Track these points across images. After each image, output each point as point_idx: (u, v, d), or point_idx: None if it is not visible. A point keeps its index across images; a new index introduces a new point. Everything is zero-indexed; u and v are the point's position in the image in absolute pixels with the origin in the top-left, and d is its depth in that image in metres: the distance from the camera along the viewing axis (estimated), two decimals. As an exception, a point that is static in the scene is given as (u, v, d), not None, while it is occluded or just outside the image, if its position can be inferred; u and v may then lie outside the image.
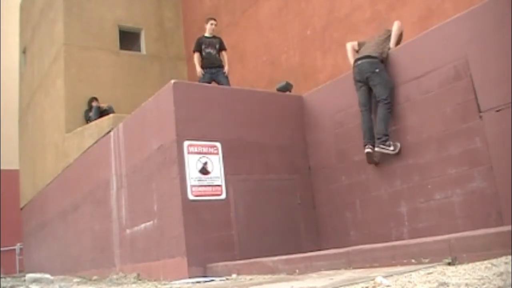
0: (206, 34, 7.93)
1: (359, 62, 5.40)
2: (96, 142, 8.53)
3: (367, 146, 5.35)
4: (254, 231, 5.81)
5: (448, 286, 2.19)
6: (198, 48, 7.80)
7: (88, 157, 8.84)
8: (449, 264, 2.98)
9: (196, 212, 5.49)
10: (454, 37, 4.80)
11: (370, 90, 5.36)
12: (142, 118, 6.65)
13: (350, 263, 3.75)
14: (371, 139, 5.31)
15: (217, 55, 7.80)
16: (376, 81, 5.25)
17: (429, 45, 5.06)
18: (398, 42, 5.55)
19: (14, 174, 16.13)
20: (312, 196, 6.41)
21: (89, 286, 6.32)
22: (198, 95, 6.01)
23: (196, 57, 7.79)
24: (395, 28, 5.54)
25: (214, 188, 5.70)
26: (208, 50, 7.76)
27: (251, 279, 4.31)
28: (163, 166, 5.87)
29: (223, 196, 5.73)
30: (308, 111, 6.62)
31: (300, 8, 8.12)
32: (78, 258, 9.11)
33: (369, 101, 5.41)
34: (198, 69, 7.68)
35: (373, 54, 5.32)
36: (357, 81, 5.44)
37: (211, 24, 7.91)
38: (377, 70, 5.24)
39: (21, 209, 14.68)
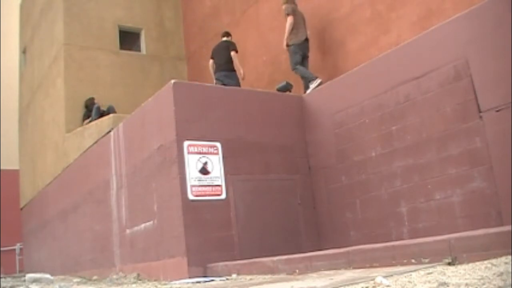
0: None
1: (308, 41, 7.38)
2: (96, 142, 8.53)
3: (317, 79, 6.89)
4: (254, 231, 5.81)
5: (448, 286, 2.19)
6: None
7: (88, 157, 8.84)
8: (449, 264, 2.98)
9: (196, 212, 5.49)
10: (454, 37, 4.80)
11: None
12: (142, 118, 6.65)
13: (350, 263, 3.75)
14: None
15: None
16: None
17: (429, 45, 5.06)
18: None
19: (14, 174, 16.13)
20: (312, 196, 6.41)
21: (89, 286, 6.32)
22: (198, 95, 6.01)
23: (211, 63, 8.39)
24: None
25: (214, 188, 5.70)
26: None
27: (251, 279, 4.31)
28: (163, 166, 5.87)
29: (223, 196, 5.73)
30: (308, 111, 6.61)
31: (300, 8, 8.12)
32: (78, 258, 9.11)
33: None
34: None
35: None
36: (303, 53, 7.26)
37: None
38: None
39: (21, 209, 14.68)
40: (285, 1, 7.66)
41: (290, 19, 7.30)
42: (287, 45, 7.34)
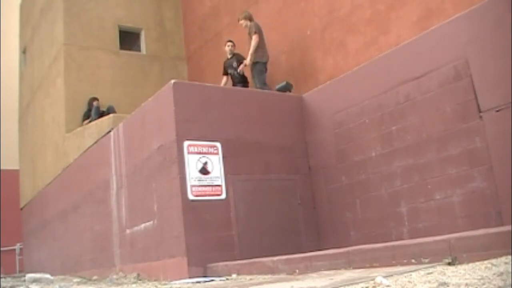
0: (227, 56, 8.26)
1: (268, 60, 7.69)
2: (96, 142, 8.53)
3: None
4: (254, 231, 5.81)
5: (448, 286, 2.19)
6: (225, 72, 8.22)
7: (88, 157, 8.84)
8: (449, 264, 2.98)
9: (196, 212, 5.49)
10: (454, 37, 4.80)
11: None
12: (142, 118, 6.65)
13: (350, 263, 3.75)
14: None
15: (236, 73, 8.02)
16: None
17: (429, 45, 5.06)
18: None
19: (14, 174, 16.13)
20: (312, 196, 6.41)
21: (89, 286, 6.32)
22: (198, 95, 6.01)
23: (223, 81, 8.21)
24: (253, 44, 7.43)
25: (214, 188, 5.70)
26: (230, 71, 8.14)
27: (251, 279, 4.31)
28: (163, 166, 5.87)
29: (223, 196, 5.74)
30: (308, 111, 6.61)
31: (300, 8, 8.11)
32: (78, 258, 9.11)
33: None
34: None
35: None
36: (265, 67, 7.62)
37: (228, 46, 8.27)
38: None
39: (21, 209, 14.67)
40: (245, 16, 7.77)
41: (256, 38, 7.46)
42: (252, 62, 7.48)
